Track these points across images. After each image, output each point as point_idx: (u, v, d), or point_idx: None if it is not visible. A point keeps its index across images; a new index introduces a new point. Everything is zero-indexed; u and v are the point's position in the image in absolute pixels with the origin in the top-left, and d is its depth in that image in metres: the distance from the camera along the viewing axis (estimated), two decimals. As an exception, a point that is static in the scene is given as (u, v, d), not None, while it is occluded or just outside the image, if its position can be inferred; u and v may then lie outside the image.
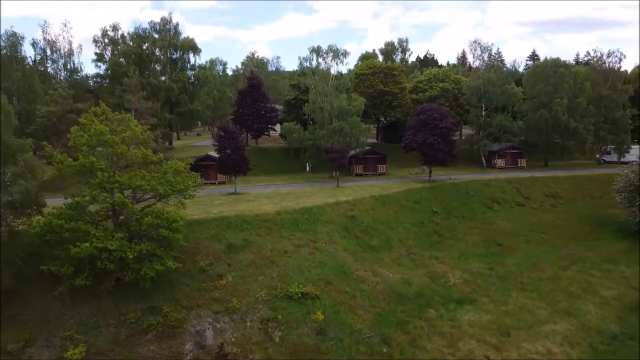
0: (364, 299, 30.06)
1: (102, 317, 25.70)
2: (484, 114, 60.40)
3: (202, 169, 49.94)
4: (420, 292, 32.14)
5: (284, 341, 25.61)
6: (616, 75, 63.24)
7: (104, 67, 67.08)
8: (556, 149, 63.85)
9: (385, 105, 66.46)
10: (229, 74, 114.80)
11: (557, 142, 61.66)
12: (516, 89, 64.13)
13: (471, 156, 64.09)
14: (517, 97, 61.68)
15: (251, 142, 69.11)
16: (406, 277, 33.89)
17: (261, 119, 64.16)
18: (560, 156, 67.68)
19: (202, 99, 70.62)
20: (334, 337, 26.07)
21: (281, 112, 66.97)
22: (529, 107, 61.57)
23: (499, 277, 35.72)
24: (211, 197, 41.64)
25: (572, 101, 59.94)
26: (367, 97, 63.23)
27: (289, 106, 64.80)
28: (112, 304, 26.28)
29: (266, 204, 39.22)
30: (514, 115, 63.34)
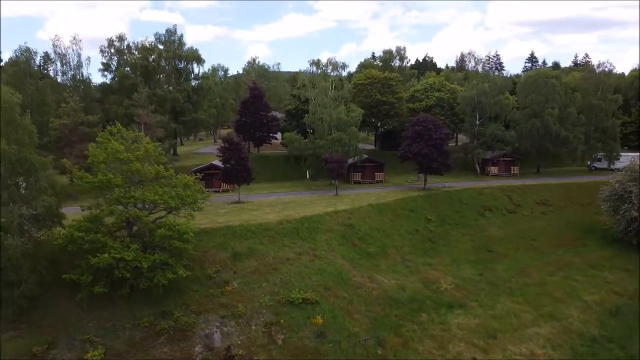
0: (361, 304, 32.15)
1: (118, 322, 27.82)
2: (478, 123, 62.44)
3: (206, 178, 51.97)
4: (413, 297, 34.20)
5: (286, 344, 27.72)
6: (606, 85, 65.39)
7: (110, 77, 69.57)
8: (548, 156, 65.67)
9: (382, 114, 68.68)
10: (231, 76, 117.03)
11: (549, 149, 63.48)
12: (510, 98, 66.08)
13: (466, 164, 65.95)
14: (509, 107, 63.69)
15: (253, 149, 71.35)
16: (401, 283, 35.97)
17: (263, 128, 66.41)
18: (552, 163, 69.31)
19: (205, 107, 72.74)
20: (332, 340, 28.15)
21: (282, 120, 69.13)
22: (521, 116, 63.58)
23: (489, 282, 37.80)
24: (216, 206, 43.63)
25: (563, 111, 62.01)
26: (365, 106, 65.37)
27: (289, 115, 67.04)
28: (127, 309, 28.38)
29: (269, 213, 41.32)
30: (507, 124, 65.27)
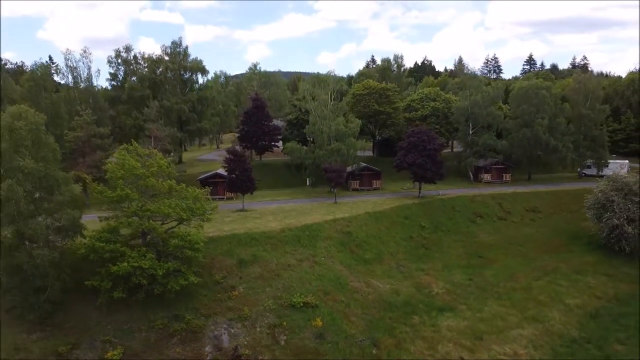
0: (358, 307, 34.72)
1: (135, 324, 30.38)
2: (471, 132, 64.93)
3: (211, 186, 54.55)
4: (407, 301, 36.75)
5: (289, 344, 30.28)
6: (595, 95, 67.97)
7: (116, 84, 72.39)
8: (539, 164, 68.09)
9: (380, 123, 71.30)
10: (231, 77, 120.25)
11: (540, 157, 65.92)
12: (503, 107, 68.30)
13: (459, 171, 68.31)
14: (501, 118, 66.22)
15: (256, 157, 73.96)
16: (395, 287, 38.52)
17: (265, 137, 69.04)
18: (543, 170, 71.61)
19: (209, 116, 75.40)
20: (331, 341, 30.72)
21: (283, 129, 71.73)
22: (513, 125, 66.12)
23: (478, 287, 40.28)
24: (221, 214, 46.07)
25: (553, 121, 64.56)
26: (363, 115, 68.00)
27: (291, 125, 69.69)
28: (142, 313, 30.94)
29: (271, 221, 43.86)
30: (499, 133, 67.78)
